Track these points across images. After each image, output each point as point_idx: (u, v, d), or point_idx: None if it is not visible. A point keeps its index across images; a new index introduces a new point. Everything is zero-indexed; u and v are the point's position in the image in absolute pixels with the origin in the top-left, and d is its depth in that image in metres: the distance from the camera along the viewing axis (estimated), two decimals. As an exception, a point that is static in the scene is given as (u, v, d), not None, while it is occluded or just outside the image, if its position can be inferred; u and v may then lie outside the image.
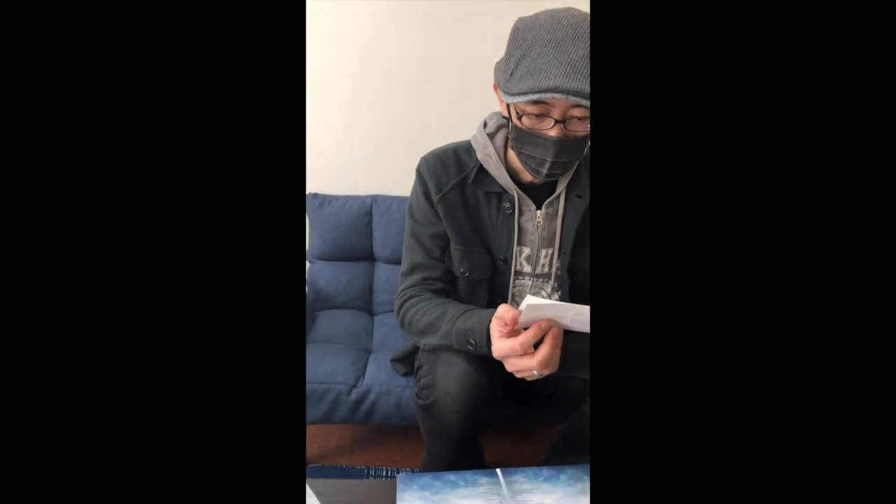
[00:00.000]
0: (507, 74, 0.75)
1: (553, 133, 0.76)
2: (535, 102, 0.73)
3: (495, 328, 0.74)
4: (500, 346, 0.72)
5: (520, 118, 0.77)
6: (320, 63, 1.59)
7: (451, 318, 0.83)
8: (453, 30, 1.60)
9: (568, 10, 0.75)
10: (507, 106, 0.81)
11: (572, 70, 0.70)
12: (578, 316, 0.67)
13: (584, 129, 0.78)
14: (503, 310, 0.74)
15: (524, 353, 0.71)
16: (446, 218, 0.91)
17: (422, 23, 1.59)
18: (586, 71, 0.70)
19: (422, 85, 1.63)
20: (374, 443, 1.43)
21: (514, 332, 0.72)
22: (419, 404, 0.89)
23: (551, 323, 0.71)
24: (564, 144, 0.77)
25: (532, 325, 0.71)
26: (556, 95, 0.70)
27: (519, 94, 0.73)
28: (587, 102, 0.71)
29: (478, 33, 1.60)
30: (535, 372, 0.71)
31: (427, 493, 0.65)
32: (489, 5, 1.57)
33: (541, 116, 0.76)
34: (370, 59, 1.61)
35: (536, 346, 0.71)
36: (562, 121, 0.75)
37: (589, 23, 0.74)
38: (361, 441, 1.44)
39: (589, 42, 0.72)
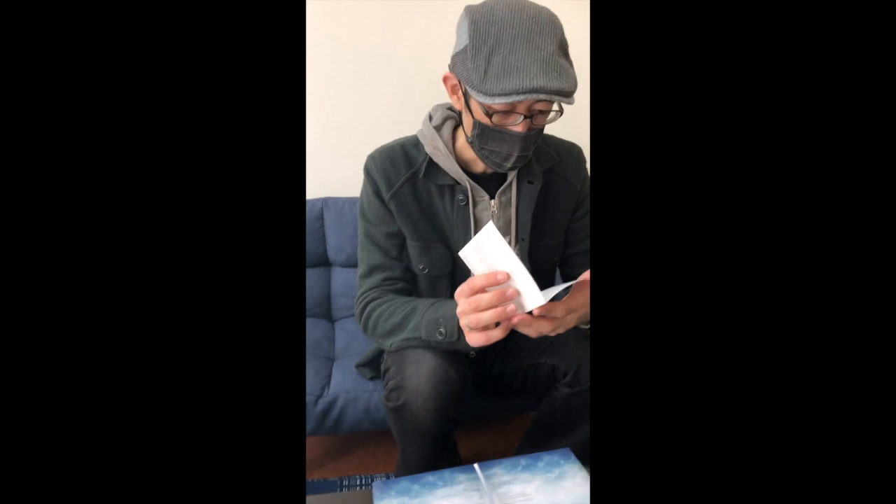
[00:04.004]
0: (481, 73, 0.72)
1: (520, 128, 0.77)
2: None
3: (460, 292, 0.68)
4: (462, 303, 0.67)
5: (489, 116, 0.76)
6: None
7: (422, 310, 0.81)
8: (391, 28, 1.58)
9: (519, 1, 0.73)
10: (467, 102, 0.79)
11: (549, 68, 0.69)
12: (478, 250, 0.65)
13: (545, 121, 0.78)
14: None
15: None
16: (400, 215, 0.89)
17: (364, 20, 1.56)
18: (559, 67, 0.70)
19: (363, 84, 1.61)
20: (345, 452, 1.40)
21: None
22: (389, 407, 0.87)
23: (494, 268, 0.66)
24: (529, 138, 0.78)
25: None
26: (541, 96, 0.69)
27: (500, 94, 0.70)
28: (570, 100, 0.72)
29: (418, 29, 1.58)
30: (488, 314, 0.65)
31: (405, 497, 0.62)
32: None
33: (508, 113, 0.76)
34: (313, 63, 1.57)
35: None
36: (529, 116, 0.76)
37: (547, 15, 0.73)
38: (332, 451, 1.40)
39: (555, 36, 0.71)
